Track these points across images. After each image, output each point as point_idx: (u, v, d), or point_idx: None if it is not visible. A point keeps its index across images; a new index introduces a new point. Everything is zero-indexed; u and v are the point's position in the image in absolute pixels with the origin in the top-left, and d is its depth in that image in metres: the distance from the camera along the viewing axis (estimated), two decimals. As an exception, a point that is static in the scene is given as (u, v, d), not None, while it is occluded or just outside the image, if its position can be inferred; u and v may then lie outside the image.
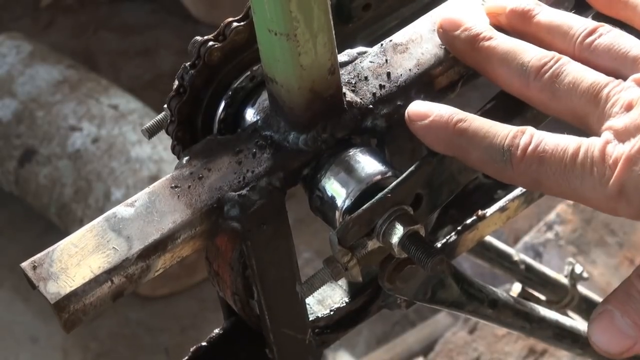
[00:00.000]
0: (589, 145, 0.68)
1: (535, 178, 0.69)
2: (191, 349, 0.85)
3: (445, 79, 0.80)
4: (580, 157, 0.68)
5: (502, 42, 0.75)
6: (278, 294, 0.79)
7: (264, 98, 0.79)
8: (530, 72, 0.72)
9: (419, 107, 0.74)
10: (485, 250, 1.21)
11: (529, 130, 0.70)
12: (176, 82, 0.79)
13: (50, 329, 2.64)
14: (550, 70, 0.72)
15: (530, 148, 0.69)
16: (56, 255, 0.70)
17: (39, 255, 0.70)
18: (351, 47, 0.82)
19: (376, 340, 2.54)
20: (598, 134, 0.69)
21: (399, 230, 0.71)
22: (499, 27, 0.78)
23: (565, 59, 0.73)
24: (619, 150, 0.67)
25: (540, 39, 0.76)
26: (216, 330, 0.87)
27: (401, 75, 0.79)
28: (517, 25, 0.78)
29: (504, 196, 0.90)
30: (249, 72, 0.80)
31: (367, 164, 0.74)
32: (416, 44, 0.81)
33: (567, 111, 0.72)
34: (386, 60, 0.80)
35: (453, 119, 0.72)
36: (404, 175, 0.72)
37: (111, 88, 2.86)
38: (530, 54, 0.73)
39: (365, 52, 0.81)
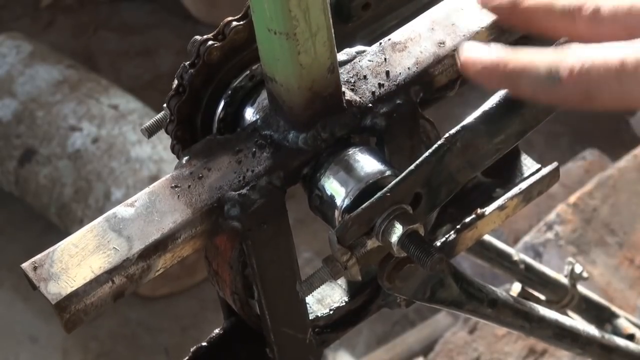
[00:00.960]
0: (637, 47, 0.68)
1: (587, 90, 0.69)
2: (191, 349, 0.85)
3: (444, 78, 0.80)
4: (632, 57, 0.67)
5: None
6: (278, 293, 0.79)
7: (263, 97, 0.79)
8: (574, 10, 0.74)
9: (470, 54, 0.75)
10: (485, 250, 1.21)
11: (571, 47, 0.71)
12: (175, 82, 0.79)
13: (50, 329, 2.64)
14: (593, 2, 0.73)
15: (576, 62, 0.69)
16: (57, 255, 0.70)
17: (39, 255, 0.70)
18: (350, 46, 0.82)
19: (376, 340, 2.54)
20: None
21: (398, 230, 0.71)
22: None
23: None
24: None
25: None
26: (216, 330, 0.87)
27: (400, 73, 0.79)
28: None
29: (503, 194, 0.90)
30: (248, 72, 0.80)
31: (367, 163, 0.74)
32: (415, 42, 0.81)
33: (619, 31, 0.72)
34: (385, 59, 0.80)
35: (502, 60, 0.73)
36: (403, 174, 0.72)
37: (111, 88, 2.86)
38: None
39: (364, 51, 0.81)
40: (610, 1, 0.73)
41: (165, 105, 0.80)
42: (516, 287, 1.29)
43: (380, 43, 0.81)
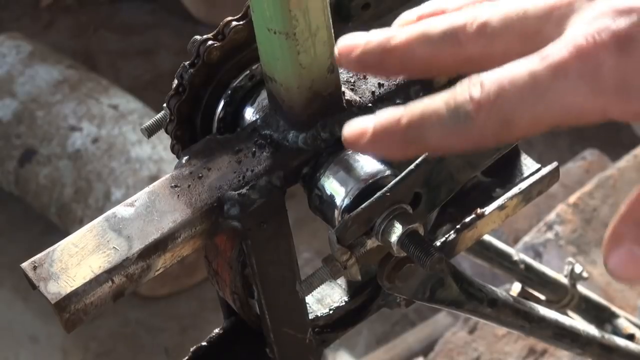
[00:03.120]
0: (555, 48, 0.57)
1: (503, 116, 0.58)
2: (191, 349, 0.85)
3: (444, 77, 0.80)
4: (541, 67, 0.57)
5: (408, 30, 0.64)
6: (278, 293, 0.79)
7: (263, 97, 0.79)
8: (457, 31, 0.62)
9: (353, 127, 0.63)
10: (485, 250, 1.21)
11: (468, 78, 0.60)
12: (175, 81, 0.79)
13: (50, 328, 2.64)
14: (476, 17, 0.62)
15: (480, 89, 0.58)
16: (56, 255, 0.70)
17: (39, 255, 0.70)
18: (350, 46, 0.82)
19: (376, 340, 2.54)
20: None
21: (397, 229, 0.71)
22: None
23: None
24: (607, 32, 0.56)
25: None
26: (216, 330, 0.87)
27: (400, 74, 0.79)
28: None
29: (503, 194, 0.90)
30: (248, 71, 0.80)
31: (366, 163, 0.74)
32: (415, 43, 0.81)
33: (514, 42, 0.61)
34: (385, 59, 0.80)
35: (396, 119, 0.61)
36: (402, 174, 0.72)
37: (111, 88, 2.86)
38: (444, 20, 0.63)
39: (364, 51, 0.81)
40: (495, 11, 0.62)
41: (165, 105, 0.80)
42: (516, 287, 1.29)
43: (380, 43, 0.81)
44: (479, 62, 0.62)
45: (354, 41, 0.66)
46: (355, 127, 0.63)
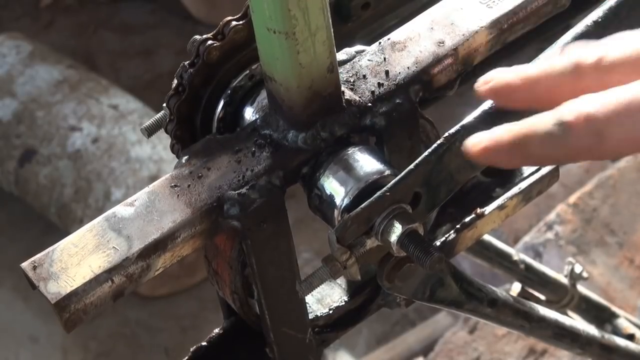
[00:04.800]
0: None
1: (598, 131, 0.64)
2: (191, 349, 0.85)
3: (444, 77, 0.80)
4: None
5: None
6: (278, 293, 0.79)
7: (263, 97, 0.79)
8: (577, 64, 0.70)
9: (471, 139, 0.70)
10: (485, 250, 1.21)
11: (574, 99, 0.67)
12: (175, 81, 0.79)
13: (50, 328, 2.64)
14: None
15: (582, 106, 0.65)
16: (56, 255, 0.70)
17: (39, 255, 0.70)
18: (350, 45, 0.82)
19: (376, 340, 2.54)
20: None
21: (397, 229, 0.71)
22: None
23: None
24: None
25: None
26: (216, 330, 0.87)
27: (399, 73, 0.79)
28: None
29: (502, 194, 0.90)
30: (247, 71, 0.80)
31: (366, 163, 0.74)
32: (414, 42, 0.81)
33: (628, 74, 0.68)
34: (384, 59, 0.80)
35: (504, 131, 0.69)
36: (402, 173, 0.72)
37: (111, 88, 2.86)
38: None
39: (363, 51, 0.81)
40: (613, 46, 0.69)
41: (164, 104, 0.80)
42: (516, 287, 1.29)
43: (380, 42, 0.81)
44: (595, 91, 0.68)
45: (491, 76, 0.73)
46: (473, 139, 0.70)
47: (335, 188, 0.74)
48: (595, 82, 0.68)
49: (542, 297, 1.30)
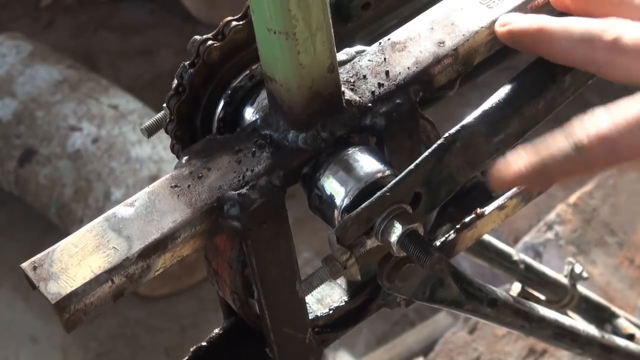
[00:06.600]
0: None
1: (612, 148, 0.69)
2: (191, 349, 0.85)
3: (444, 77, 0.80)
4: None
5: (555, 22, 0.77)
6: (278, 293, 0.79)
7: (263, 97, 0.79)
8: (593, 37, 0.73)
9: (497, 175, 0.75)
10: (485, 250, 1.21)
11: (584, 118, 0.70)
12: (175, 81, 0.79)
13: (50, 328, 2.64)
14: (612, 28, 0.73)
15: (595, 124, 0.69)
16: (56, 255, 0.70)
17: (39, 255, 0.70)
18: (350, 46, 0.82)
19: (376, 340, 2.54)
20: None
21: (397, 229, 0.71)
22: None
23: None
24: None
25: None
26: (216, 330, 0.87)
27: (400, 73, 0.79)
28: None
29: (502, 194, 0.90)
30: (248, 71, 0.80)
31: (366, 163, 0.74)
32: (414, 42, 0.81)
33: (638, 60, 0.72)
34: (385, 59, 0.80)
35: (520, 168, 0.73)
36: (402, 174, 0.72)
37: (111, 88, 2.86)
38: (585, 23, 0.75)
39: (363, 51, 0.81)
40: (630, 29, 0.72)
41: (165, 105, 0.80)
42: (516, 287, 1.29)
43: (380, 43, 0.81)
44: (601, 66, 0.74)
45: (510, 18, 0.79)
46: (496, 172, 0.74)
47: (335, 188, 0.74)
48: (605, 59, 0.73)
49: (542, 297, 1.30)
